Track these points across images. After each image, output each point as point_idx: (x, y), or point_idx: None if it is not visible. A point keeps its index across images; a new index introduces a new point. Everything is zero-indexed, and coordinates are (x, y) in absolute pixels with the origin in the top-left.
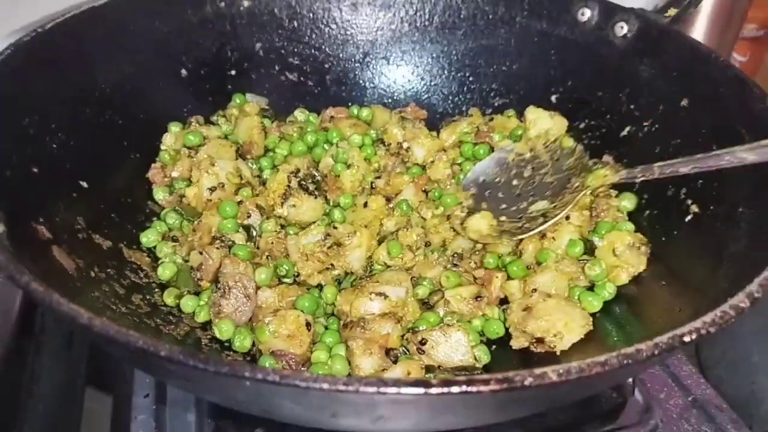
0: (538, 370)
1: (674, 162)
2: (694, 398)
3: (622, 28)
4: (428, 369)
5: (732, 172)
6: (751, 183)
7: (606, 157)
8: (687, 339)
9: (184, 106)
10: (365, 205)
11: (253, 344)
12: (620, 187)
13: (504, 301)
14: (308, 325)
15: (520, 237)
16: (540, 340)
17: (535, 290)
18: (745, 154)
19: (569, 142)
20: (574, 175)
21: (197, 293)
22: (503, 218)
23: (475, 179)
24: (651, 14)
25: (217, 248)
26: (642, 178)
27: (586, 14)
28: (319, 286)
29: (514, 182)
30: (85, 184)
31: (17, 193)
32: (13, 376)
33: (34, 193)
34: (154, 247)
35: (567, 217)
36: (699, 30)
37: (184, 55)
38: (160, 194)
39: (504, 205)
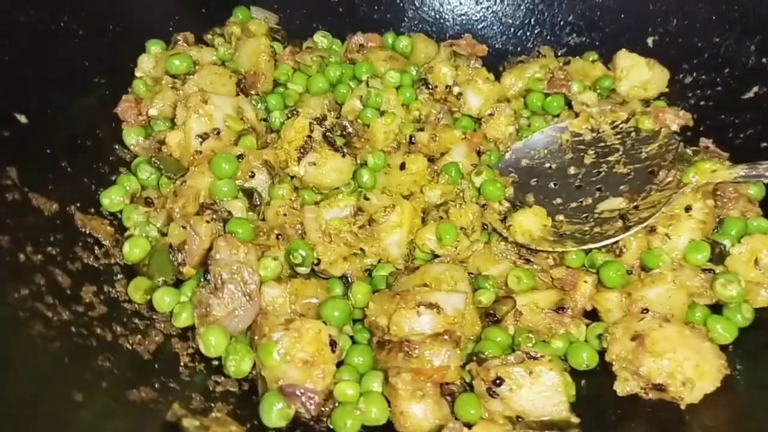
0: None
1: None
2: None
3: None
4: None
5: None
6: None
7: (704, 142)
8: None
9: (169, 17)
10: (402, 166)
11: (253, 366)
12: (740, 158)
13: (590, 315)
14: (333, 343)
15: (592, 247)
16: (660, 388)
17: (646, 310)
18: None
19: (648, 124)
20: (663, 167)
21: (176, 283)
22: (561, 217)
23: (516, 162)
24: None
25: (208, 222)
26: None
27: None
28: (344, 278)
29: (571, 170)
30: (22, 118)
31: None
32: None
33: None
34: (120, 212)
35: (687, 208)
36: None
37: None
38: (132, 137)
39: (559, 200)
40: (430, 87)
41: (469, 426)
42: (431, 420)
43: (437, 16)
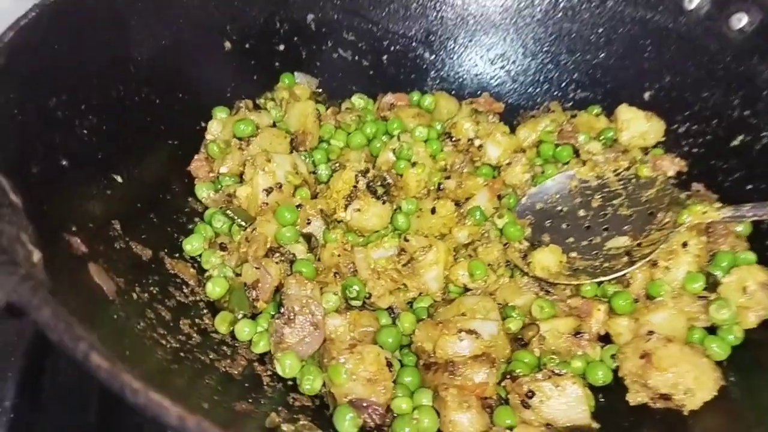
0: None
1: None
2: None
3: (740, 21)
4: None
5: None
6: None
7: (696, 186)
8: None
9: (227, 85)
10: (432, 211)
11: (323, 384)
12: (728, 200)
13: (604, 338)
14: (389, 364)
15: (603, 279)
16: (665, 397)
17: (651, 332)
18: None
19: (647, 172)
20: (660, 209)
21: (253, 316)
22: (574, 254)
23: (531, 206)
24: None
25: (277, 263)
26: (753, 218)
27: (694, 1)
28: (389, 310)
29: (581, 213)
30: (119, 178)
31: (47, 194)
32: None
33: (65, 193)
34: (199, 256)
35: (684, 244)
36: None
37: (228, 25)
38: (204, 191)
39: (571, 239)
40: (454, 140)
41: (510, 429)
42: (476, 427)
43: (456, 75)
